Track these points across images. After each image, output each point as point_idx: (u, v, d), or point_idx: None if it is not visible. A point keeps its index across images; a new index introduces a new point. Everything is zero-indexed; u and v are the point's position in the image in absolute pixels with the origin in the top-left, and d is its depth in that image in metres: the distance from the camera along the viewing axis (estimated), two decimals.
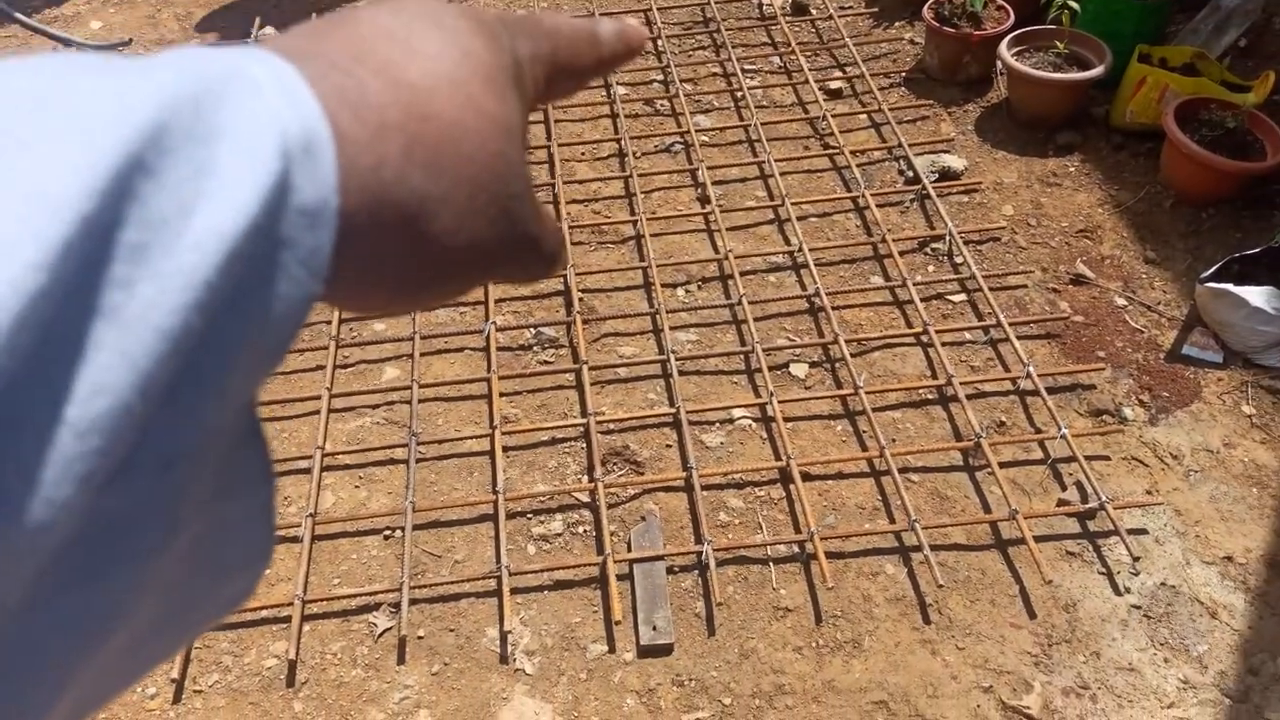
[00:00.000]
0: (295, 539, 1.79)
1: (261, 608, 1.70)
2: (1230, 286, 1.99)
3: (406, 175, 0.23)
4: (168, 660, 0.20)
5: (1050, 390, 1.96)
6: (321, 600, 1.71)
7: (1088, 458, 1.84)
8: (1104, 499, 1.75)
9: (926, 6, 2.78)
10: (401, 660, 1.65)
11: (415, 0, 0.27)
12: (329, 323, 2.17)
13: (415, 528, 1.81)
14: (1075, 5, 2.50)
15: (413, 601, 1.70)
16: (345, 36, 0.24)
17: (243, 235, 0.19)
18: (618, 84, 2.85)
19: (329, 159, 0.21)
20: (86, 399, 0.17)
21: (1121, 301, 2.19)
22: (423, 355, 2.13)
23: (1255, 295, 1.97)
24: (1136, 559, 1.71)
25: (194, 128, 0.19)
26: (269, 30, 3.11)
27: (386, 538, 1.82)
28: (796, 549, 1.77)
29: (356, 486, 1.91)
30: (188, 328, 0.18)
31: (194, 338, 0.18)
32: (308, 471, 1.89)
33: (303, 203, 0.20)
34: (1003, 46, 2.62)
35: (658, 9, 3.13)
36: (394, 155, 0.23)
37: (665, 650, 1.64)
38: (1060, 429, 1.85)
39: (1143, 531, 1.77)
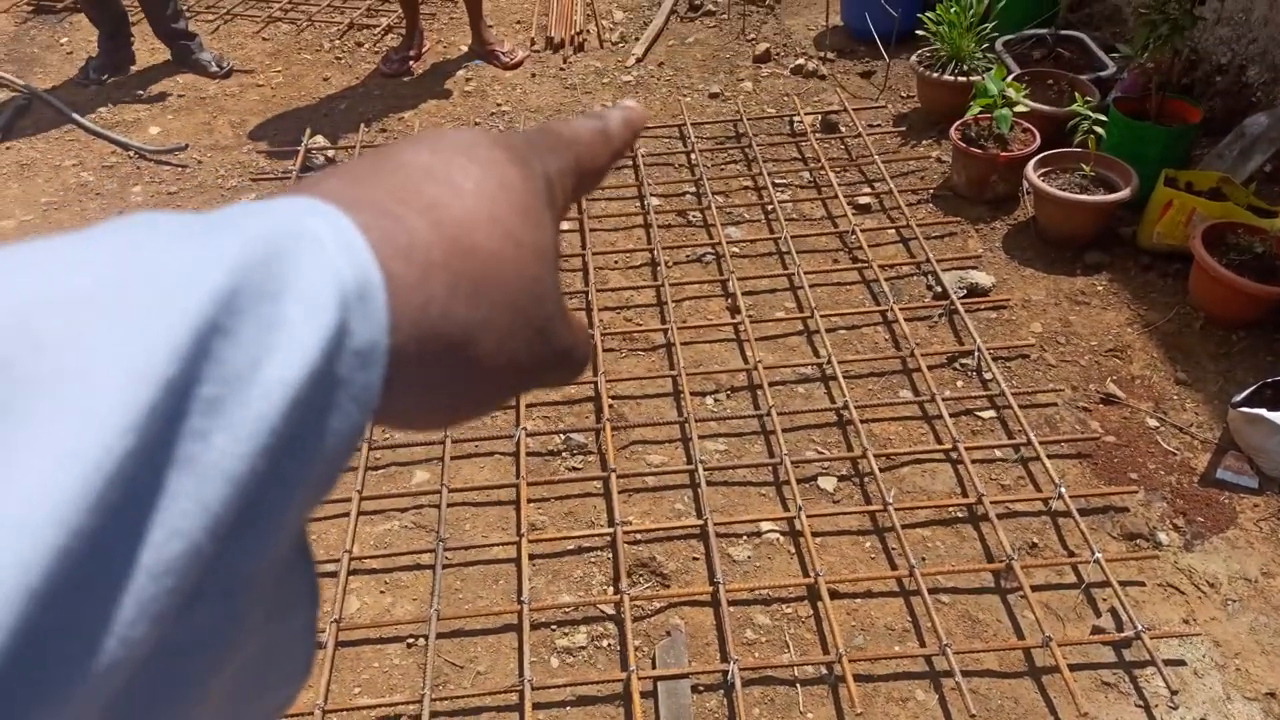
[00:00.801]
0: (319, 645, 1.78)
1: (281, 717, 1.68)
2: (1264, 412, 1.98)
3: (451, 309, 0.25)
4: None
5: (1082, 512, 1.94)
6: (342, 710, 1.69)
7: (1122, 583, 1.81)
8: (1140, 628, 1.71)
9: (954, 127, 2.86)
10: None
11: (452, 134, 0.29)
12: None
13: (439, 636, 1.80)
14: (1100, 130, 2.56)
15: (433, 715, 1.68)
16: (391, 178, 0.26)
17: (306, 381, 0.21)
18: (652, 195, 2.93)
19: (381, 302, 0.23)
20: (162, 543, 0.18)
21: (1153, 423, 2.18)
22: (453, 459, 2.15)
23: None
24: (1175, 692, 1.66)
25: (264, 286, 0.21)
26: (319, 139, 3.24)
27: (409, 646, 1.81)
28: (824, 670, 1.74)
29: (382, 592, 1.91)
30: (255, 471, 0.20)
31: (259, 479, 0.20)
32: (334, 575, 1.89)
33: (357, 345, 0.22)
34: (1029, 167, 2.67)
35: (691, 124, 3.24)
36: (440, 292, 0.25)
37: None
38: (1094, 552, 1.83)
39: (1180, 663, 1.72)
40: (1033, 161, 2.69)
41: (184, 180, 3.17)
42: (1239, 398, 2.06)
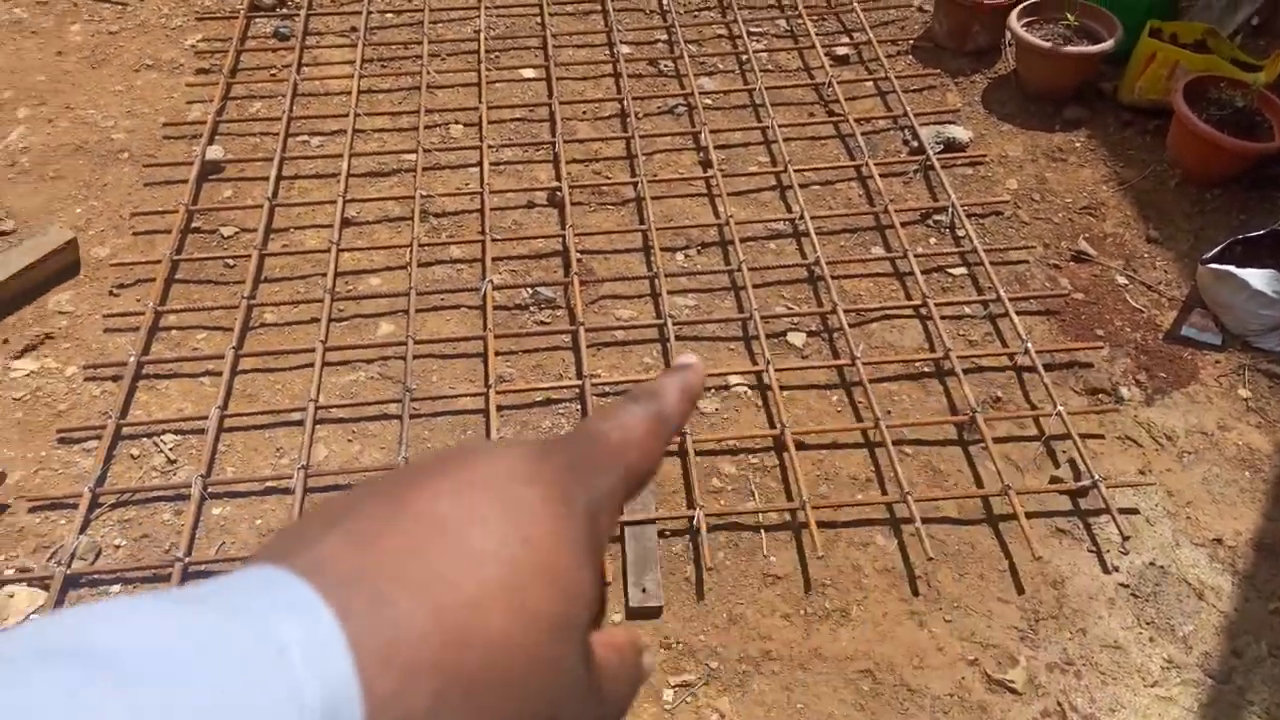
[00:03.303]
0: (288, 490, 1.78)
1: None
2: (1232, 269, 1.98)
3: None
4: None
5: (1048, 367, 1.96)
6: None
7: (1082, 436, 1.84)
8: (1097, 478, 1.75)
9: None
10: None
11: (486, 460, 0.25)
12: (324, 275, 2.14)
13: None
14: None
15: None
16: (398, 537, 0.23)
17: None
18: (622, 43, 2.80)
19: None
20: None
21: (1122, 280, 2.18)
22: (418, 311, 2.11)
23: (1257, 278, 1.96)
24: (1126, 538, 1.72)
25: None
26: None
27: None
28: (788, 517, 1.77)
29: (349, 440, 1.90)
30: None
31: None
32: (300, 424, 1.88)
33: None
34: (1012, 17, 2.58)
35: None
36: (421, 704, 0.21)
37: (654, 613, 1.65)
38: (1056, 406, 1.85)
39: (1134, 511, 1.77)
40: (1016, 10, 2.59)
41: (125, 19, 2.98)
42: (1208, 255, 2.06)
